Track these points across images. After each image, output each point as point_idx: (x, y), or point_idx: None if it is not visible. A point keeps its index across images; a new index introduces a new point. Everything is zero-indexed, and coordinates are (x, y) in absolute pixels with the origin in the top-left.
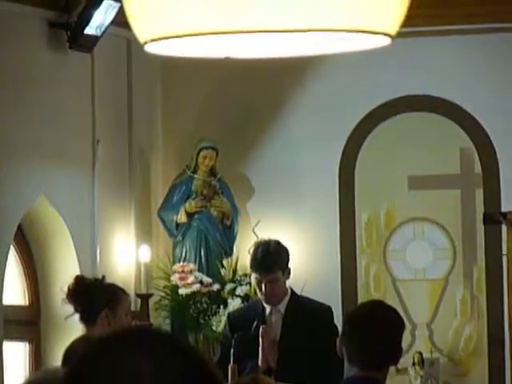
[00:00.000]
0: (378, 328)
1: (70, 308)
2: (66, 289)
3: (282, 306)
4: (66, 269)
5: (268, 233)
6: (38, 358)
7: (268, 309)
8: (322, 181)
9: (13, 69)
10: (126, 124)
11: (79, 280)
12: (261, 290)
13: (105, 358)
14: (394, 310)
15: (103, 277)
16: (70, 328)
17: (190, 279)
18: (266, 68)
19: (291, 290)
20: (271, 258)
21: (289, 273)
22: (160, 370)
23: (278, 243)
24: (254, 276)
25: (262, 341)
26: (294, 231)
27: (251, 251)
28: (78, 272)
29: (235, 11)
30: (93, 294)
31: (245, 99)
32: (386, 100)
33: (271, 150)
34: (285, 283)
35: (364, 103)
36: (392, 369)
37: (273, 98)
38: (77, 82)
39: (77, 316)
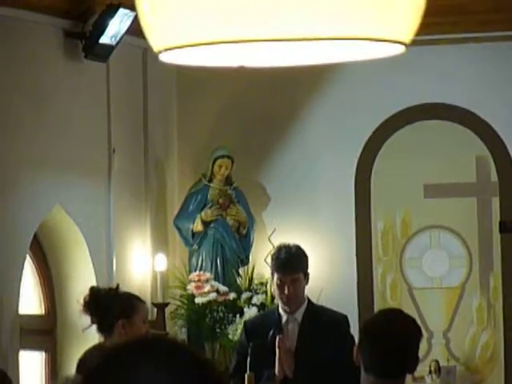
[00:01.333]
0: (395, 337)
1: (87, 319)
2: (81, 300)
3: (299, 315)
4: (82, 278)
5: (284, 241)
6: (53, 367)
7: (284, 317)
8: (338, 189)
9: (28, 78)
10: (142, 133)
11: (94, 291)
12: (283, 291)
13: (118, 369)
14: (412, 319)
15: (117, 285)
16: (86, 337)
17: (207, 288)
18: (282, 76)
19: (308, 298)
20: (295, 258)
21: (308, 278)
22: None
23: (299, 247)
24: (276, 277)
25: (279, 350)
26: (310, 239)
27: (273, 253)
28: (94, 281)
29: (249, 20)
30: (108, 304)
31: (260, 108)
32: (401, 108)
33: (287, 158)
34: (304, 288)
35: (380, 111)
36: (409, 377)
37: (288, 106)
38: (92, 91)
39: (94, 327)
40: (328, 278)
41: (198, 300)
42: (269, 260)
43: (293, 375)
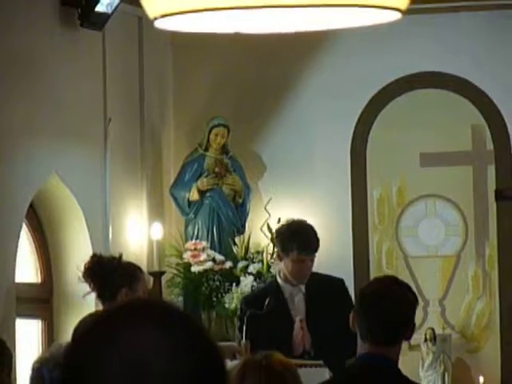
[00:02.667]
0: (390, 304)
1: (84, 286)
2: (82, 267)
3: (302, 285)
4: (78, 247)
5: (280, 210)
6: (50, 335)
7: (288, 289)
8: (334, 158)
9: (24, 46)
10: (138, 102)
11: (97, 258)
12: (301, 269)
13: (104, 330)
14: (407, 286)
15: (120, 255)
16: (83, 305)
17: (203, 257)
18: (278, 45)
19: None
20: (317, 238)
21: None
22: (171, 343)
23: (312, 226)
24: (295, 254)
25: (302, 331)
26: (306, 209)
27: (288, 229)
28: (90, 249)
29: None
30: (112, 273)
31: (256, 77)
32: (397, 77)
33: (283, 127)
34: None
35: (375, 80)
36: (404, 345)
37: (284, 75)
38: (88, 59)
39: (93, 294)
40: (324, 246)
41: (195, 269)
42: (265, 229)
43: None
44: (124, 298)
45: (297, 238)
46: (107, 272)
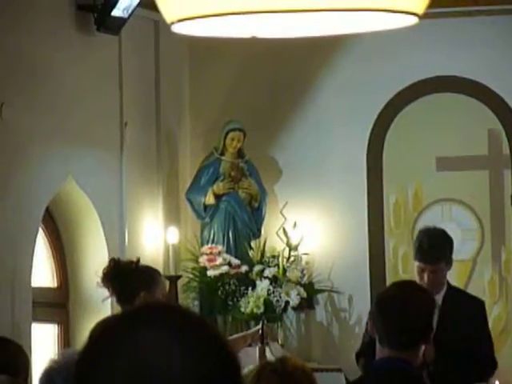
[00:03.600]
0: (408, 308)
1: (102, 291)
2: (100, 272)
3: (439, 298)
4: (94, 251)
5: (296, 214)
6: (66, 340)
7: None
8: (350, 162)
9: (41, 51)
10: (154, 106)
11: (115, 263)
12: (422, 279)
13: (116, 334)
14: (425, 290)
15: (138, 259)
16: (99, 310)
17: (219, 261)
18: (294, 49)
19: (448, 282)
20: (438, 248)
21: (451, 264)
22: (187, 348)
23: (444, 232)
24: (416, 264)
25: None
26: (322, 212)
27: (416, 238)
28: (106, 254)
29: None
30: (130, 276)
31: (273, 80)
32: (414, 81)
33: (299, 131)
34: (445, 275)
35: (392, 84)
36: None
37: (301, 79)
38: (104, 64)
39: (113, 298)
40: (340, 251)
41: (210, 273)
42: (281, 233)
43: (433, 361)
44: (142, 302)
45: (419, 250)
46: (125, 276)
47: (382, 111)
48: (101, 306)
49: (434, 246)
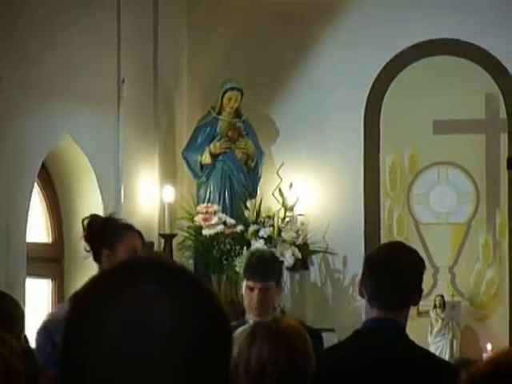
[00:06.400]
0: (397, 269)
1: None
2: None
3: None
4: (89, 208)
5: (292, 175)
6: (60, 295)
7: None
8: (347, 124)
9: (39, 7)
10: (152, 64)
11: (91, 219)
12: (251, 299)
13: (102, 289)
14: (414, 251)
15: (110, 214)
16: (94, 265)
17: (214, 220)
18: (294, 10)
19: (281, 309)
20: (267, 265)
21: (280, 288)
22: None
23: (273, 253)
24: (245, 284)
25: None
26: (318, 174)
27: (245, 257)
28: (101, 210)
29: None
30: (97, 233)
31: (272, 41)
32: (411, 43)
33: (296, 92)
34: (275, 297)
35: (390, 47)
36: (413, 311)
37: (299, 40)
38: (102, 21)
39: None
40: (335, 212)
41: (206, 232)
42: (277, 193)
43: None
44: (105, 260)
45: (247, 267)
46: (95, 233)
47: (380, 73)
48: (92, 261)
49: (264, 263)
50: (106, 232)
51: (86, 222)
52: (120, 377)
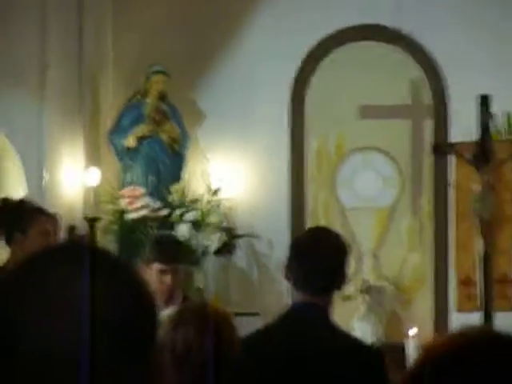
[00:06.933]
0: (321, 254)
1: None
2: None
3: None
4: (12, 190)
5: (218, 159)
6: None
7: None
8: (273, 108)
9: None
10: (77, 47)
11: (3, 203)
12: (163, 282)
13: (24, 276)
14: (337, 235)
15: (22, 199)
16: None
17: (139, 204)
18: None
19: (184, 295)
20: (177, 247)
21: (185, 272)
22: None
23: (177, 237)
24: (155, 268)
25: None
26: (244, 158)
27: (152, 242)
28: (24, 194)
29: None
30: (7, 217)
31: (197, 24)
32: (338, 28)
33: (223, 75)
34: (181, 283)
35: (317, 29)
36: (338, 295)
37: (225, 22)
38: (27, 3)
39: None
40: (261, 196)
41: (130, 215)
42: (202, 177)
43: None
44: (16, 243)
45: (156, 248)
46: (4, 217)
47: (305, 59)
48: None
49: (174, 244)
50: (17, 216)
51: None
52: (48, 357)
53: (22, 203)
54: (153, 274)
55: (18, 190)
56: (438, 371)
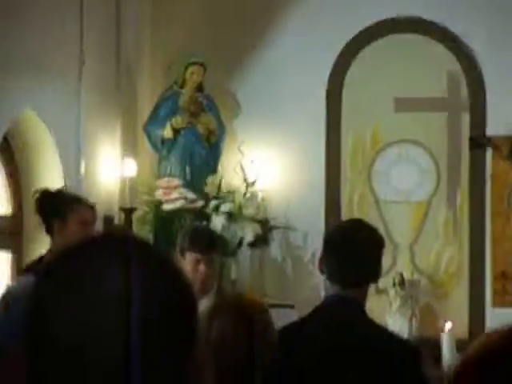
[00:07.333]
0: (355, 246)
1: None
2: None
3: (207, 302)
4: (50, 180)
5: (253, 151)
6: (20, 267)
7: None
8: (310, 100)
9: None
10: (114, 37)
11: (42, 192)
12: (197, 271)
13: (65, 267)
14: (373, 228)
15: (61, 188)
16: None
17: (175, 195)
18: None
19: (218, 285)
20: (211, 237)
21: (220, 262)
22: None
23: (211, 229)
24: (189, 257)
25: None
26: (280, 150)
27: (186, 232)
28: (62, 184)
29: None
30: (46, 206)
31: (235, 16)
32: (373, 21)
33: (259, 67)
34: (216, 273)
35: (351, 24)
36: (372, 289)
37: (262, 17)
38: None
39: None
40: (296, 188)
41: (166, 206)
42: (238, 169)
43: None
44: (56, 232)
45: (191, 238)
46: (44, 206)
47: (341, 52)
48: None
49: (208, 234)
50: (56, 204)
51: (36, 196)
52: (84, 347)
53: (60, 193)
54: (187, 264)
55: (56, 181)
56: (484, 370)
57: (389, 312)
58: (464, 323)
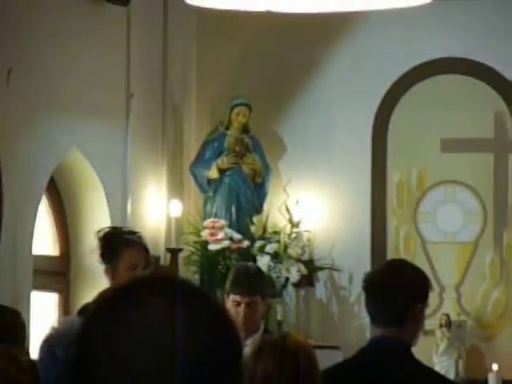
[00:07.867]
0: (392, 284)
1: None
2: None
3: (253, 343)
4: (96, 221)
5: (298, 191)
6: (66, 308)
7: None
8: (355, 141)
9: (51, 21)
10: (161, 78)
11: (101, 234)
12: (237, 313)
13: (112, 309)
14: (415, 267)
15: (116, 229)
16: (100, 279)
17: (220, 235)
18: (302, 26)
19: (265, 327)
20: (253, 279)
21: (267, 303)
22: (190, 322)
23: (257, 267)
24: (231, 299)
25: None
26: (325, 190)
27: (230, 272)
28: (108, 224)
29: None
30: (101, 250)
31: (280, 56)
32: (420, 61)
33: (304, 108)
34: (260, 313)
35: (399, 64)
36: None
37: (308, 56)
38: (113, 35)
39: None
40: (342, 228)
41: (212, 247)
42: (283, 209)
43: None
44: (108, 275)
45: (232, 281)
46: (100, 249)
47: (388, 92)
48: (101, 275)
49: (249, 277)
50: (107, 248)
51: (98, 238)
52: None
53: (115, 232)
54: (229, 306)
55: (102, 221)
56: None
57: (435, 353)
58: (511, 365)
